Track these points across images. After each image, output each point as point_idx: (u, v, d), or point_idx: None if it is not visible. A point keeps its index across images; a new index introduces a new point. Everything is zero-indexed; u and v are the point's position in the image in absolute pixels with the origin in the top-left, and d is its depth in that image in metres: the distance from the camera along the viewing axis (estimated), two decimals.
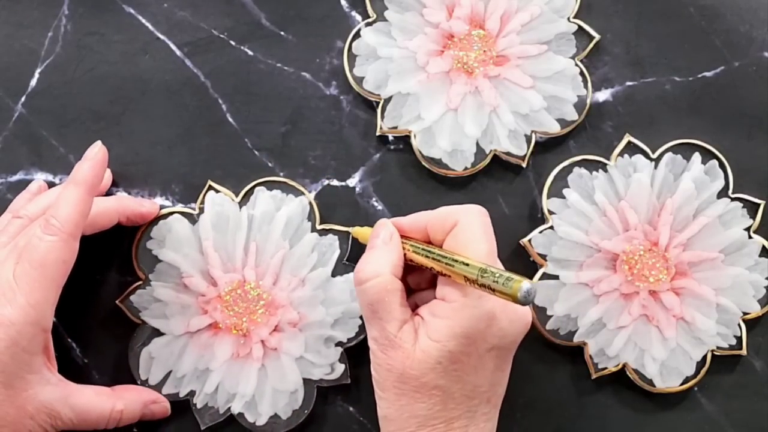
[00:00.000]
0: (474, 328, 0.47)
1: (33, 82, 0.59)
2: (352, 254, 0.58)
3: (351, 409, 0.58)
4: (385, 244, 0.51)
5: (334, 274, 0.57)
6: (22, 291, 0.48)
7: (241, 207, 0.57)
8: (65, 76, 0.59)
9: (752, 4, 0.61)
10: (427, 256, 0.49)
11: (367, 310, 0.50)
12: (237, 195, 0.58)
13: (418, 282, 0.54)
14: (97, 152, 0.52)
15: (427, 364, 0.48)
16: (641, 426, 0.59)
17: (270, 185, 0.58)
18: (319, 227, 0.58)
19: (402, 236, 0.52)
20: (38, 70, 0.59)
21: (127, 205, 0.56)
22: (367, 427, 0.58)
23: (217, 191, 0.58)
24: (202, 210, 0.57)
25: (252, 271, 0.57)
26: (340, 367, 0.57)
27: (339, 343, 0.57)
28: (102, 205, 0.54)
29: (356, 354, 0.57)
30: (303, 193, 0.58)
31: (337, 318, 0.57)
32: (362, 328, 0.56)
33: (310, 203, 0.58)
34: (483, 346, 0.48)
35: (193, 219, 0.57)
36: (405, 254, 0.51)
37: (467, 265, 0.46)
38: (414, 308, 0.51)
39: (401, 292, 0.50)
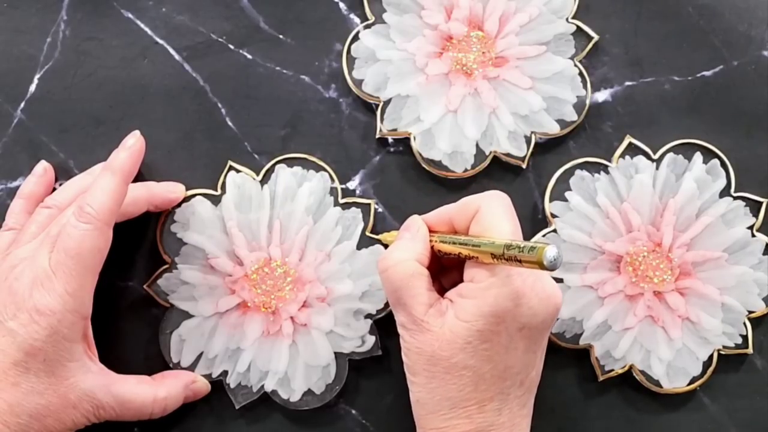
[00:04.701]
0: (502, 306, 0.47)
1: (32, 88, 0.59)
2: (376, 227, 0.58)
3: (354, 411, 0.58)
4: (412, 236, 0.52)
5: (359, 247, 0.57)
6: (60, 280, 0.48)
7: (262, 185, 0.58)
8: (64, 81, 0.59)
9: (750, 3, 0.61)
10: (453, 243, 0.50)
11: (392, 296, 0.50)
12: (258, 174, 0.58)
13: (454, 282, 0.53)
14: (134, 142, 0.54)
15: (456, 344, 0.47)
16: (646, 427, 0.58)
17: (290, 162, 0.58)
18: (341, 201, 0.58)
19: (429, 231, 0.53)
20: (37, 76, 0.59)
21: (156, 192, 0.56)
22: (370, 429, 0.58)
23: (238, 171, 0.58)
24: (224, 191, 0.58)
25: (277, 249, 0.57)
26: (371, 339, 0.57)
27: (368, 316, 0.57)
28: (132, 194, 0.54)
29: (386, 326, 0.57)
30: (324, 168, 0.58)
31: (364, 290, 0.57)
32: None
33: (331, 177, 0.58)
34: (513, 326, 0.48)
35: (215, 200, 0.57)
36: (432, 246, 0.51)
37: (493, 243, 0.46)
38: None
39: (426, 277, 0.50)
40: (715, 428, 0.59)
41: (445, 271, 0.54)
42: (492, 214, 0.49)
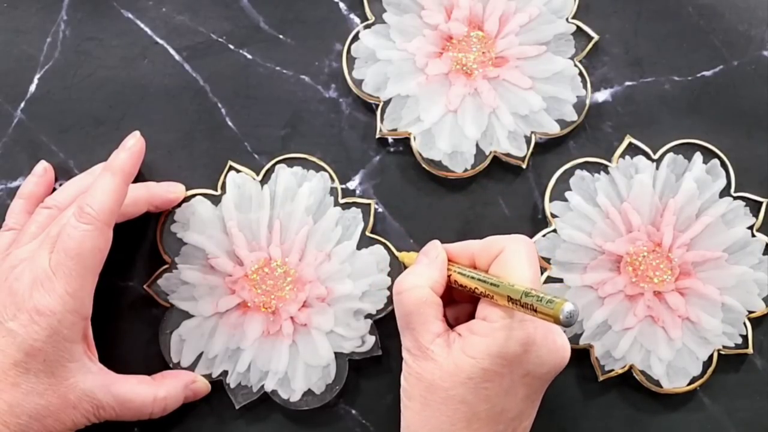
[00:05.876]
0: (511, 350, 0.47)
1: (32, 88, 0.59)
2: (376, 227, 0.58)
3: (354, 411, 0.58)
4: (430, 262, 0.52)
5: (359, 247, 0.57)
6: (60, 280, 0.48)
7: (262, 186, 0.58)
8: (64, 81, 0.59)
9: (750, 3, 0.61)
10: (471, 278, 0.50)
11: (402, 320, 0.51)
12: (258, 174, 0.58)
13: (457, 317, 0.54)
14: (134, 143, 0.53)
15: (457, 377, 0.47)
16: (646, 427, 0.58)
17: (290, 162, 0.58)
18: (341, 201, 0.58)
19: (449, 261, 0.53)
20: (37, 76, 0.59)
21: (155, 193, 0.56)
22: (370, 429, 0.58)
23: (238, 171, 0.58)
24: (224, 191, 0.57)
25: (277, 249, 0.57)
26: (371, 339, 0.57)
27: (368, 316, 0.57)
28: (132, 194, 0.54)
29: (386, 326, 0.57)
30: (324, 168, 0.58)
31: (364, 290, 0.57)
32: (390, 300, 0.57)
33: (331, 177, 0.58)
34: (518, 371, 0.48)
35: (215, 200, 0.57)
36: (450, 276, 0.52)
37: (512, 287, 0.46)
38: None
39: (438, 306, 0.50)
40: (715, 428, 0.59)
41: (452, 304, 0.54)
42: (515, 258, 0.49)
